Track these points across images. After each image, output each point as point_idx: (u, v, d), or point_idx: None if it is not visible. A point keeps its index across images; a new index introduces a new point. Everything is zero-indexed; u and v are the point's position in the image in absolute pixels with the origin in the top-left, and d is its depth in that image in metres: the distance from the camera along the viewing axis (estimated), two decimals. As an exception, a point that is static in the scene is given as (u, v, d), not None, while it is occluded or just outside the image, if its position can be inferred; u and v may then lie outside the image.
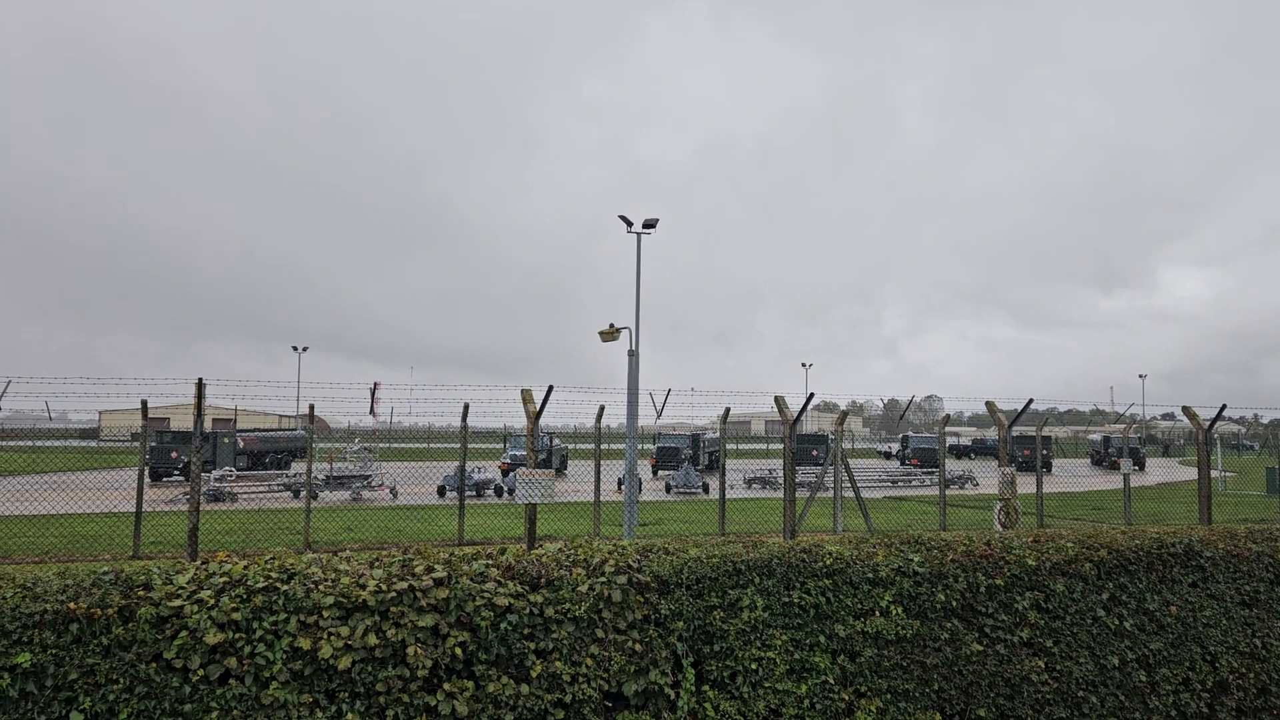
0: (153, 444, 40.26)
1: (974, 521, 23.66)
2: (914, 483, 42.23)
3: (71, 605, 4.32)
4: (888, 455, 79.19)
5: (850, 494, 17.31)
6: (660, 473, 47.51)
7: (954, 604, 6.06)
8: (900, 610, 5.89)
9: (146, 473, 18.98)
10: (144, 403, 17.95)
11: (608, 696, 5.19)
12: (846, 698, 5.66)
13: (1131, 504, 26.31)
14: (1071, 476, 48.55)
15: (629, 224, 25.14)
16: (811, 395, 16.23)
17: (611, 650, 5.20)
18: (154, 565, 4.86)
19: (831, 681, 5.63)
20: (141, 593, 4.52)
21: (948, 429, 35.64)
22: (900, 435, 75.18)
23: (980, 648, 6.03)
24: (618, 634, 5.26)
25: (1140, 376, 79.58)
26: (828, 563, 5.88)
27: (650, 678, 5.22)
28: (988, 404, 18.38)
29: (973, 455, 78.16)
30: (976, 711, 5.94)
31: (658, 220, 25.05)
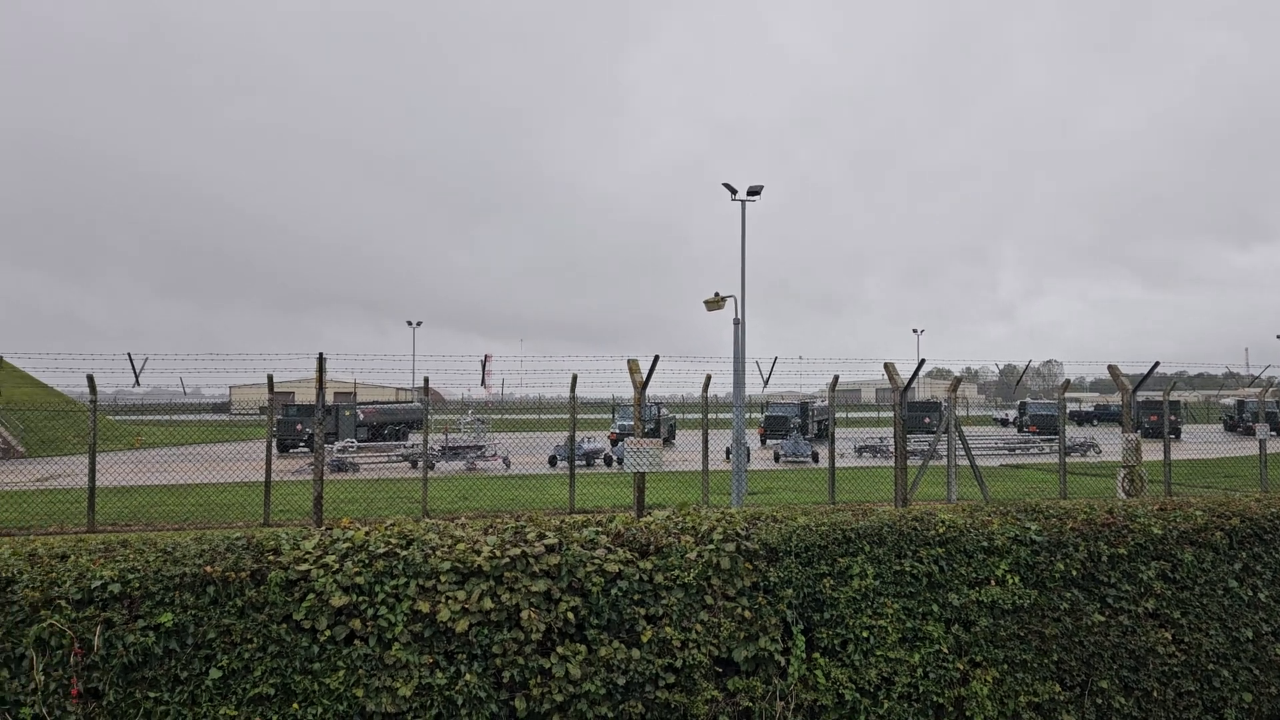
0: (279, 417, 42.07)
1: (1096, 490, 22.83)
2: (1032, 450, 40.96)
3: (208, 569, 4.57)
4: (1004, 422, 76.96)
5: (964, 462, 16.92)
6: (768, 442, 47.29)
7: (1074, 573, 5.87)
8: (1017, 579, 5.74)
9: (274, 444, 19.86)
10: (270, 378, 18.75)
11: (718, 662, 5.23)
12: (961, 667, 5.57)
13: (1268, 471, 24.96)
14: (1202, 443, 46.31)
15: (733, 191, 24.91)
16: (923, 361, 15.88)
17: (721, 616, 5.22)
18: (282, 531, 5.11)
19: (945, 651, 5.54)
20: (272, 557, 4.76)
21: (1068, 395, 34.42)
22: (1017, 402, 72.90)
23: (1102, 618, 5.84)
24: (727, 601, 5.28)
25: (1278, 337, 74.97)
26: (940, 531, 5.77)
27: (760, 644, 5.23)
28: (1110, 368, 17.66)
29: (1095, 422, 75.32)
30: (1099, 683, 5.76)
31: (762, 187, 24.74)
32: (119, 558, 4.59)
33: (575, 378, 19.58)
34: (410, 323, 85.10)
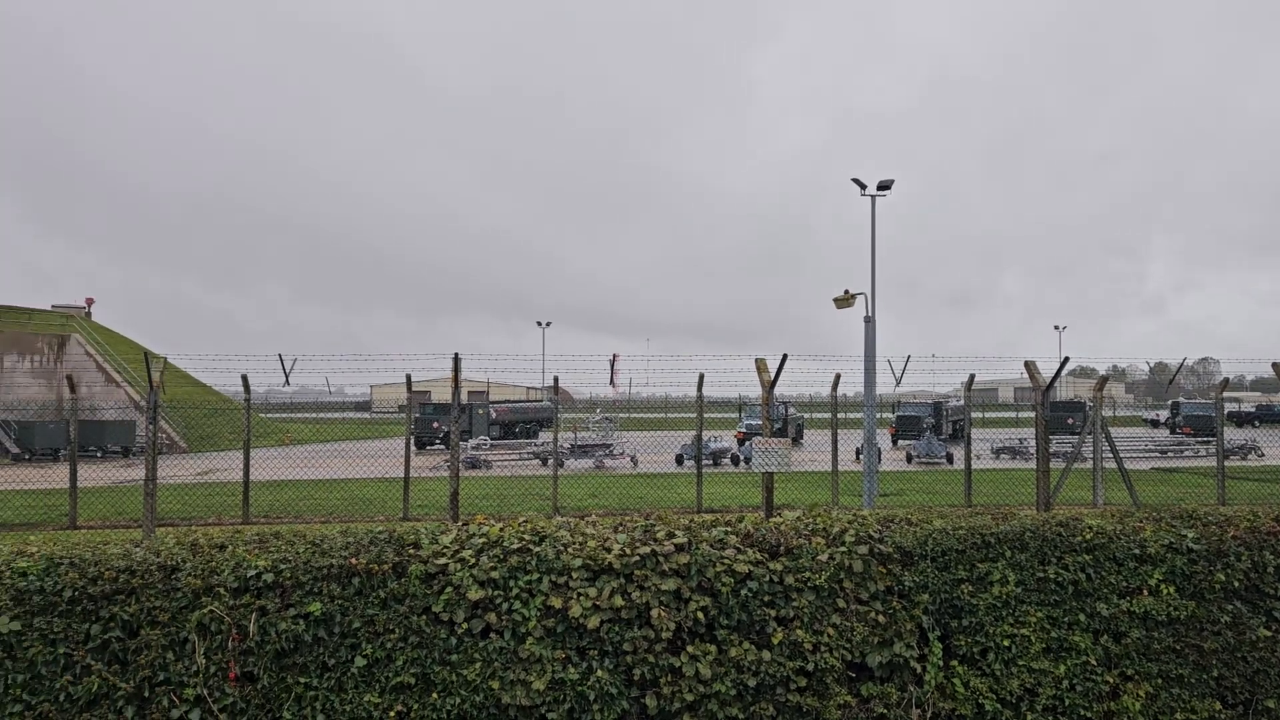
0: (417, 415, 43.56)
1: (1260, 495, 21.39)
2: (1186, 453, 38.68)
3: (353, 561, 4.76)
4: (1155, 423, 72.91)
5: (1112, 465, 16.11)
6: (900, 442, 46.19)
7: (1236, 584, 5.51)
8: (1172, 589, 5.43)
9: (412, 442, 20.54)
10: (408, 377, 19.41)
11: (851, 666, 5.13)
12: (1111, 680, 5.30)
13: None
14: (1381, 446, 42.79)
15: (862, 186, 24.42)
16: (1066, 359, 15.20)
17: (853, 620, 5.13)
18: (421, 526, 5.28)
19: (1093, 662, 5.29)
20: (412, 551, 4.92)
21: (1226, 394, 32.36)
22: (1170, 402, 68.96)
23: (1269, 633, 5.46)
24: (859, 604, 5.18)
25: None
26: (1087, 537, 5.50)
27: (894, 650, 5.10)
28: (1275, 365, 16.51)
29: (1257, 423, 70.52)
30: (1265, 703, 5.39)
31: (892, 182, 24.17)
32: (272, 549, 4.84)
33: (702, 377, 19.56)
34: (540, 323, 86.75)
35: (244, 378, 19.26)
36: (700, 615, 4.94)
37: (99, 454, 43.19)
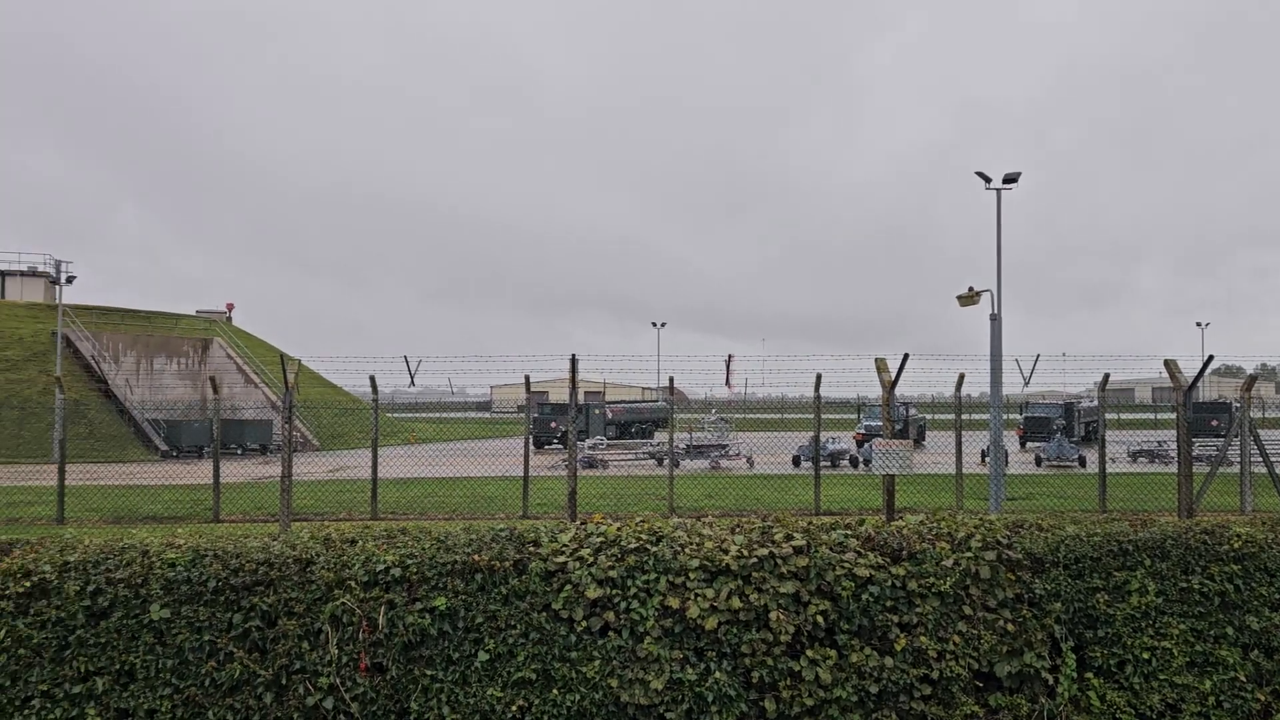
0: (535, 415, 44.32)
1: None
2: (1345, 457, 36.09)
3: (476, 557, 4.87)
4: (1309, 425, 68.31)
5: (1261, 469, 15.17)
6: (1029, 444, 44.58)
7: (1405, 600, 5.11)
8: (1331, 604, 5.07)
9: (531, 441, 20.90)
10: (527, 378, 19.78)
11: (978, 676, 4.97)
12: (1262, 698, 4.99)
13: None
14: None
15: (987, 180, 23.66)
16: (1210, 358, 14.38)
17: (981, 628, 4.96)
18: (541, 524, 5.36)
19: (1243, 679, 4.99)
20: (532, 549, 5.01)
21: (1391, 394, 29.98)
22: (1326, 402, 64.50)
23: None
24: (987, 612, 5.01)
25: None
26: (1235, 546, 5.19)
27: (1025, 660, 4.92)
28: None
29: None
30: None
31: (1019, 174, 23.34)
32: (399, 544, 4.99)
33: (819, 377, 19.29)
34: (655, 324, 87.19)
35: (372, 379, 19.95)
36: (820, 619, 4.86)
37: (239, 451, 45.45)
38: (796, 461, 32.44)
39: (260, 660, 4.67)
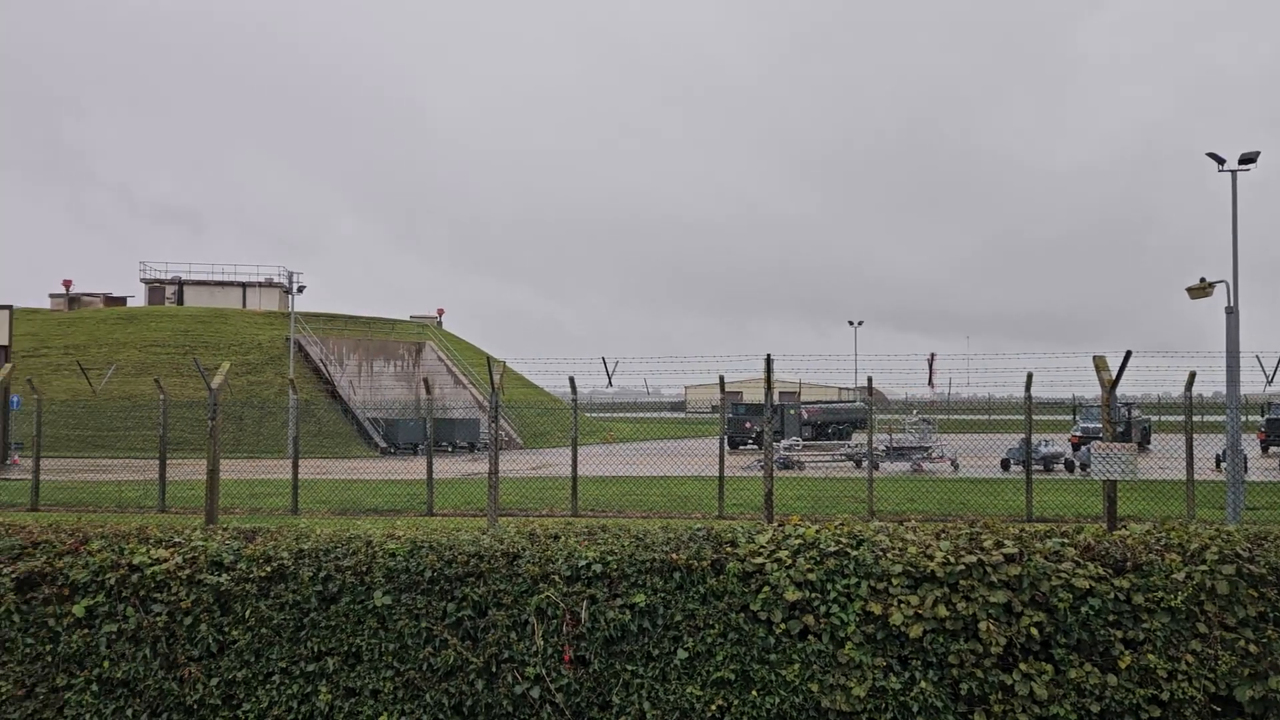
0: (729, 415, 44.41)
1: None
2: None
3: (674, 556, 4.92)
4: None
5: None
6: (1271, 449, 40.70)
7: None
8: None
9: (726, 441, 20.97)
10: (721, 378, 19.84)
11: (1215, 699, 4.57)
12: None
13: None
14: None
15: (1220, 161, 21.72)
16: None
17: (1217, 648, 4.56)
18: (738, 525, 5.36)
19: None
20: (729, 549, 5.01)
21: None
22: None
23: None
24: (1225, 630, 4.60)
25: None
26: None
27: (1270, 684, 4.49)
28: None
29: None
30: None
31: (1257, 154, 21.29)
32: (600, 541, 5.12)
33: (1030, 376, 18.37)
34: (851, 322, 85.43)
35: (571, 380, 20.58)
36: (1034, 631, 4.61)
37: (449, 449, 47.95)
38: (1006, 465, 30.99)
39: (472, 648, 4.90)
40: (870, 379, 21.40)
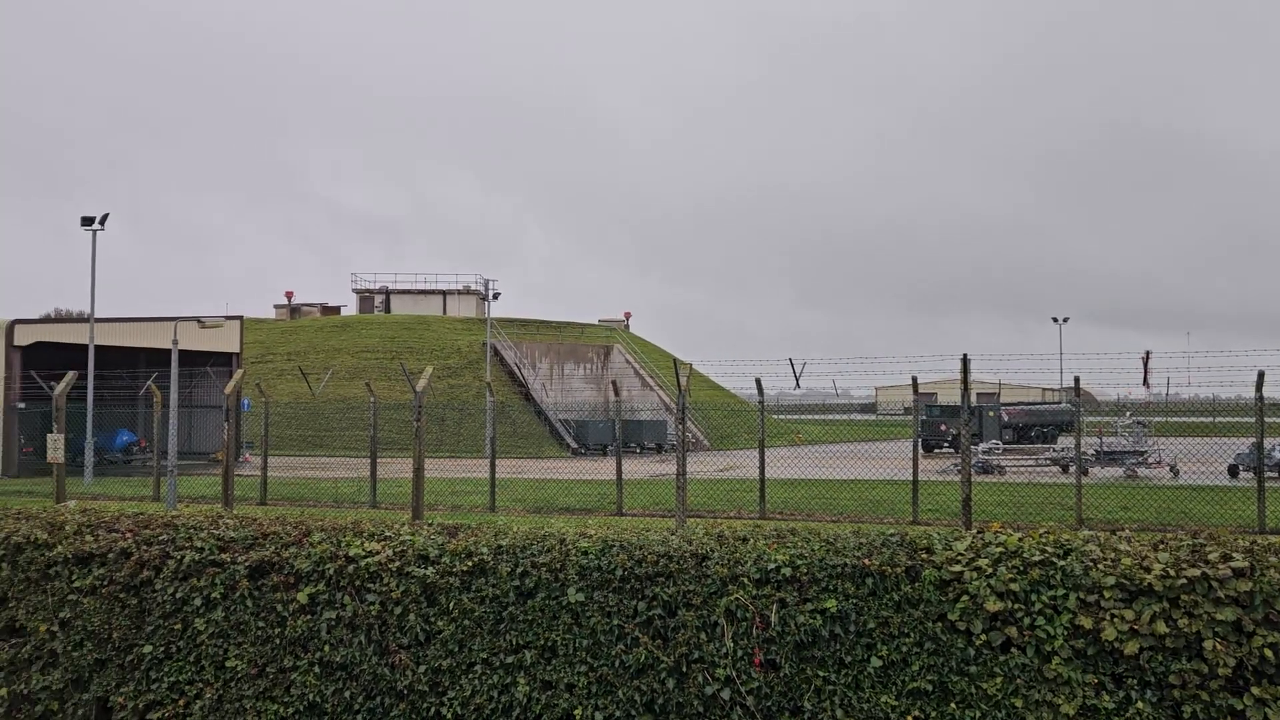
0: (923, 418, 42.98)
1: None
2: None
3: (866, 561, 4.81)
4: None
5: None
6: None
7: None
8: None
9: (919, 444, 20.35)
10: (914, 379, 19.26)
11: None
12: None
13: None
14: None
15: None
16: None
17: None
18: (933, 531, 5.17)
19: None
20: (924, 556, 4.84)
21: None
22: None
23: None
24: None
25: None
26: None
27: None
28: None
29: None
30: None
31: None
32: (789, 544, 5.06)
33: (1261, 375, 16.87)
34: (1055, 319, 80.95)
35: (758, 381, 20.50)
36: (1268, 653, 4.21)
37: (637, 450, 48.80)
38: (1234, 471, 28.59)
39: (662, 647, 4.96)
40: (1077, 379, 20.20)
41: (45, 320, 48.04)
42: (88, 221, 35.01)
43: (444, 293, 74.81)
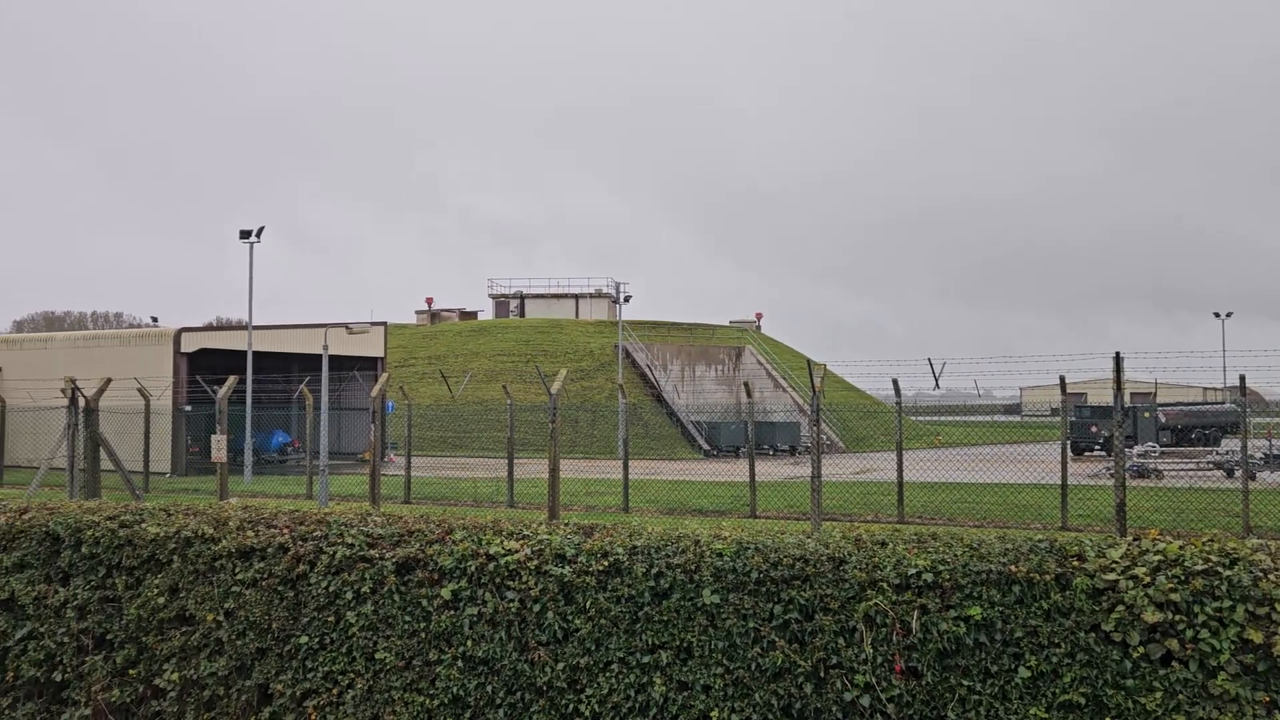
0: (1072, 419, 41.13)
1: None
2: None
3: (1012, 568, 4.63)
4: None
5: None
6: None
7: None
8: None
9: (1068, 446, 19.49)
10: (1062, 379, 18.48)
11: None
12: None
13: None
14: None
15: None
16: None
17: None
18: (1085, 537, 4.93)
19: None
20: (1075, 563, 4.63)
21: None
22: None
23: None
24: None
25: None
26: None
27: None
28: None
29: None
30: None
31: None
32: (930, 549, 4.92)
33: None
34: (1217, 314, 76.20)
35: (894, 382, 20.06)
36: None
37: (770, 452, 48.42)
38: None
39: (799, 651, 4.89)
40: (1242, 377, 18.98)
41: (208, 328, 51.23)
42: (245, 234, 37.12)
43: (576, 296, 76.06)
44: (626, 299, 54.63)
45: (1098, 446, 42.35)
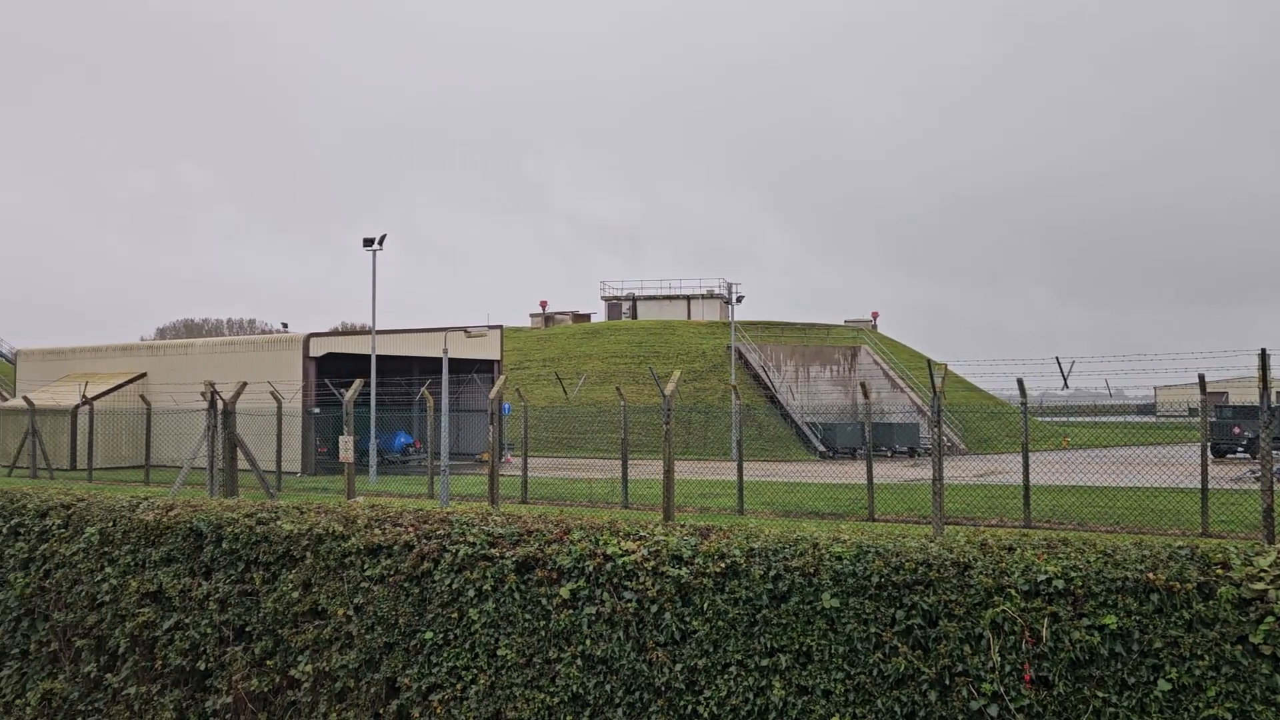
0: (1212, 419, 38.99)
1: None
2: None
3: (1150, 576, 4.41)
4: None
5: None
6: None
7: None
8: None
9: (1209, 448, 18.48)
10: (1201, 377, 17.57)
11: None
12: None
13: None
14: None
15: None
16: None
17: None
18: (1229, 544, 4.67)
19: None
20: (1219, 571, 4.39)
21: None
22: None
23: None
24: None
25: None
26: None
27: None
28: None
29: None
30: None
31: None
32: (1060, 555, 4.74)
33: None
34: (1374, 307, 71.13)
35: (1019, 381, 19.41)
36: None
37: (888, 454, 47.46)
38: None
39: (923, 658, 4.77)
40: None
41: (333, 333, 53.26)
42: (369, 242, 38.47)
43: (688, 297, 76.09)
44: (739, 299, 54.33)
45: (1241, 448, 40.04)
